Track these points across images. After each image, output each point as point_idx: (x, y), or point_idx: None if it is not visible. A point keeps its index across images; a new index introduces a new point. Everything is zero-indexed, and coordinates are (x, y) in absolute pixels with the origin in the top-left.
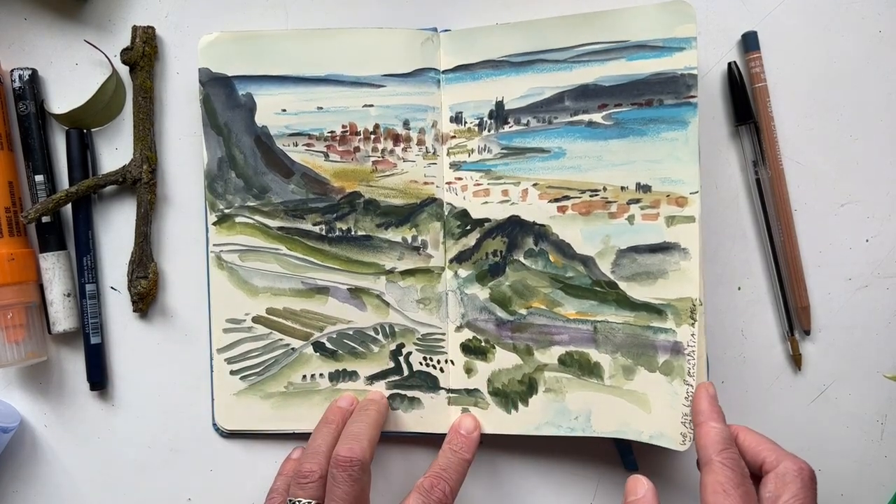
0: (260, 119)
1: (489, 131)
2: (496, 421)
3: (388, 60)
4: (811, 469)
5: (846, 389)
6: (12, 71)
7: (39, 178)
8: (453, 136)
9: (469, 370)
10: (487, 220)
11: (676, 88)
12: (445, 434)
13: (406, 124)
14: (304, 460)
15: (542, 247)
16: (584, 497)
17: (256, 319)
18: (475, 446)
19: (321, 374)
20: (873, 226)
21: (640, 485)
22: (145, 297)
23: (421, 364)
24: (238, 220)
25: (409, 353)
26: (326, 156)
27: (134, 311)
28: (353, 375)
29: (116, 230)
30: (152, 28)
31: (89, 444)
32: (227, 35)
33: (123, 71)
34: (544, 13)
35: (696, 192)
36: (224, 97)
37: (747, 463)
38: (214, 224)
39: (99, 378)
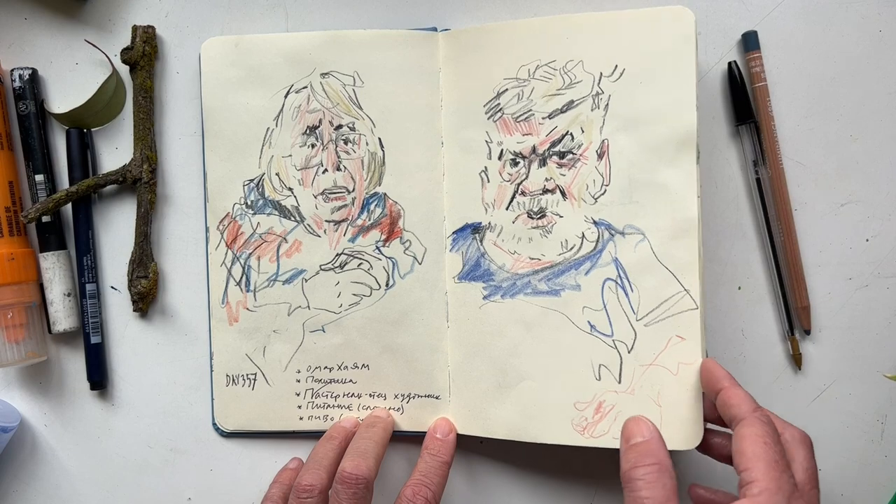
0: None
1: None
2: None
3: None
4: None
5: (846, 389)
6: (12, 71)
7: (39, 177)
8: None
9: None
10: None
11: None
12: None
13: None
14: (305, 473)
15: None
16: (584, 498)
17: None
18: (453, 449)
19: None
20: (873, 226)
21: (643, 426)
22: (145, 297)
23: None
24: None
25: None
26: None
27: (134, 310)
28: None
29: (116, 230)
30: (152, 28)
31: (89, 444)
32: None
33: (123, 71)
34: (543, 13)
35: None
36: None
37: None
38: None
39: (99, 378)
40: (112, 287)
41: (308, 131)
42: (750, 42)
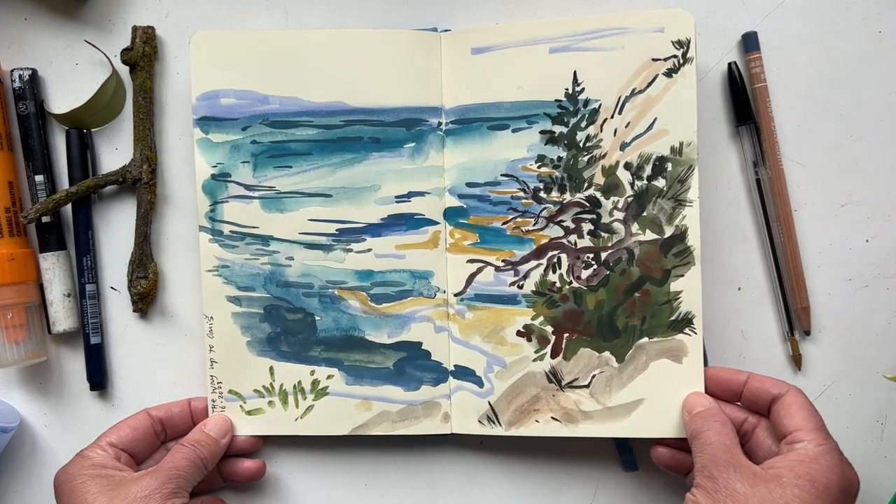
0: None
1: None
2: None
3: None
4: None
5: (846, 389)
6: (12, 71)
7: (39, 178)
8: None
9: None
10: None
11: None
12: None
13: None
14: None
15: None
16: (584, 498)
17: None
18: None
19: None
20: (873, 226)
21: (703, 398)
22: (145, 297)
23: None
24: None
25: None
26: None
27: (134, 311)
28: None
29: (116, 230)
30: (152, 28)
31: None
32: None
33: (123, 71)
34: (544, 14)
35: None
36: None
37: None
38: None
39: (99, 378)
40: (112, 287)
41: None
42: (750, 42)
